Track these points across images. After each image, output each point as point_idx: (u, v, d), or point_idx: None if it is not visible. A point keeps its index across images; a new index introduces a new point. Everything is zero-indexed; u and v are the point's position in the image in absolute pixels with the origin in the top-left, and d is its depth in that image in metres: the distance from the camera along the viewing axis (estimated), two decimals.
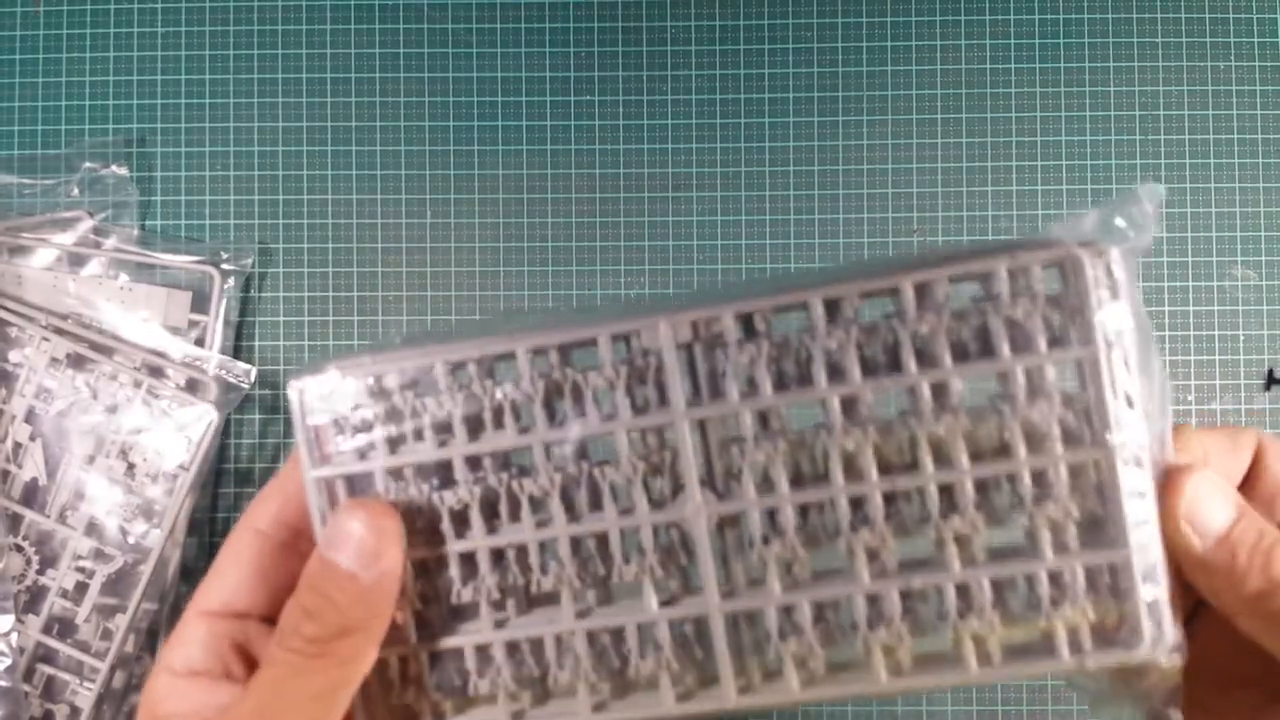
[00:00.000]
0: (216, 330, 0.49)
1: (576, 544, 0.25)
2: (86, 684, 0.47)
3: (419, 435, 0.26)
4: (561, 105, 0.50)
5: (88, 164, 0.49)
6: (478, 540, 0.25)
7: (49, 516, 0.48)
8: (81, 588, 0.47)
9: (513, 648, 0.26)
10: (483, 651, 0.26)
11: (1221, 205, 0.49)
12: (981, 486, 0.24)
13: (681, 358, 0.25)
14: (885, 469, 0.24)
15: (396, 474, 0.26)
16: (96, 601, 0.47)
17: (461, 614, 0.26)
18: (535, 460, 0.25)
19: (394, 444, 0.26)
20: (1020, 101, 0.50)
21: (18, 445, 0.48)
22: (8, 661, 0.46)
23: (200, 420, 0.47)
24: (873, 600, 0.25)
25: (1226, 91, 0.50)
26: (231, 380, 0.48)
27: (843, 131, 0.50)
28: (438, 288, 0.50)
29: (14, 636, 0.46)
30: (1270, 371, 0.49)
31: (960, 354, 0.24)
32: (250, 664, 0.26)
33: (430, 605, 0.26)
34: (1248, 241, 0.49)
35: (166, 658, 0.26)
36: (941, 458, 0.24)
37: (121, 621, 0.47)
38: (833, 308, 0.24)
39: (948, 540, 0.24)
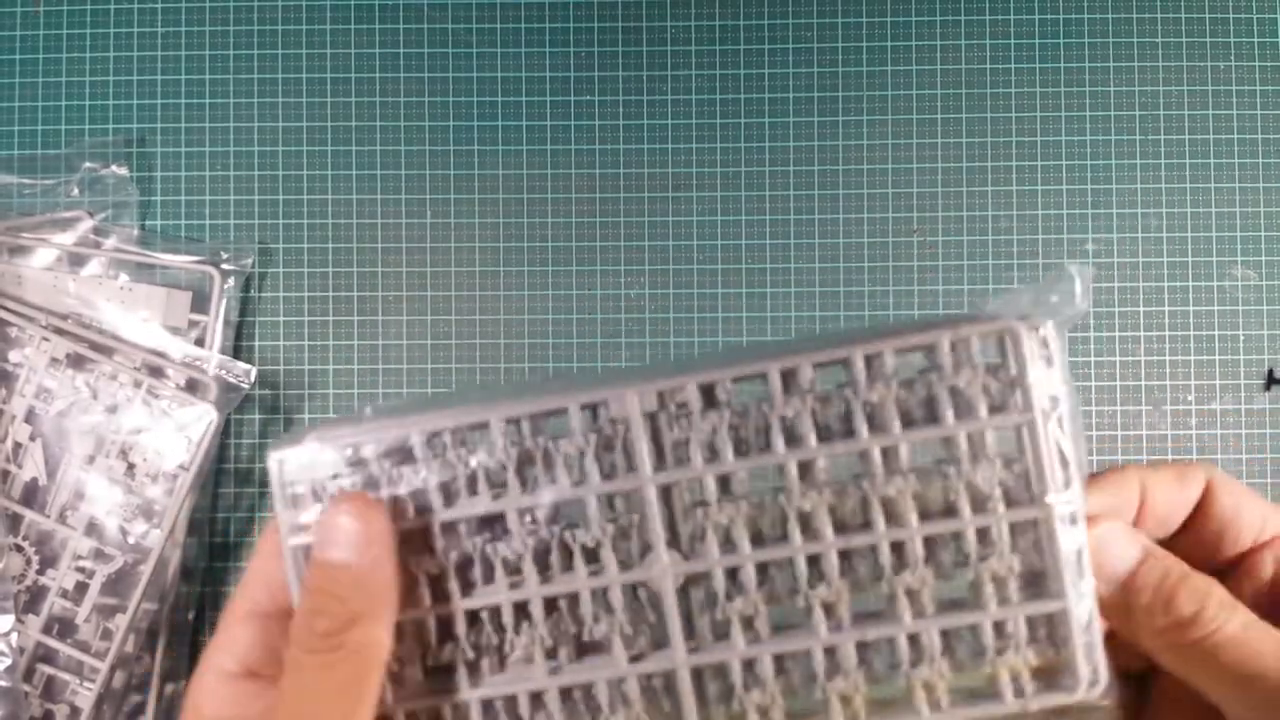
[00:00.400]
0: (216, 330, 0.49)
1: (550, 604, 0.27)
2: (86, 684, 0.47)
3: (395, 503, 0.27)
4: (561, 105, 0.50)
5: (88, 164, 0.49)
6: (455, 603, 0.27)
7: (49, 516, 0.48)
8: (81, 588, 0.47)
9: (487, 705, 0.27)
10: (459, 710, 0.27)
11: (1221, 205, 0.49)
12: (930, 543, 0.26)
13: (647, 426, 0.27)
14: (840, 528, 0.26)
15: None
16: (96, 601, 0.47)
17: (436, 675, 0.27)
18: (509, 525, 0.27)
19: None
20: (1020, 101, 0.50)
21: (18, 445, 0.48)
22: (8, 661, 0.46)
23: (200, 420, 0.47)
24: (830, 652, 0.26)
25: (1226, 91, 0.50)
26: (231, 380, 0.48)
27: (843, 131, 0.50)
28: (438, 288, 0.50)
29: (14, 636, 0.46)
30: (1270, 371, 0.49)
31: (908, 420, 0.26)
32: None
33: (405, 667, 0.27)
34: (1248, 241, 0.49)
35: (214, 659, 0.27)
36: (893, 517, 0.26)
37: (121, 621, 0.47)
38: (789, 378, 0.27)
39: (899, 594, 0.26)
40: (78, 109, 0.50)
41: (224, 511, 0.50)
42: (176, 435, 0.48)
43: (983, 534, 0.26)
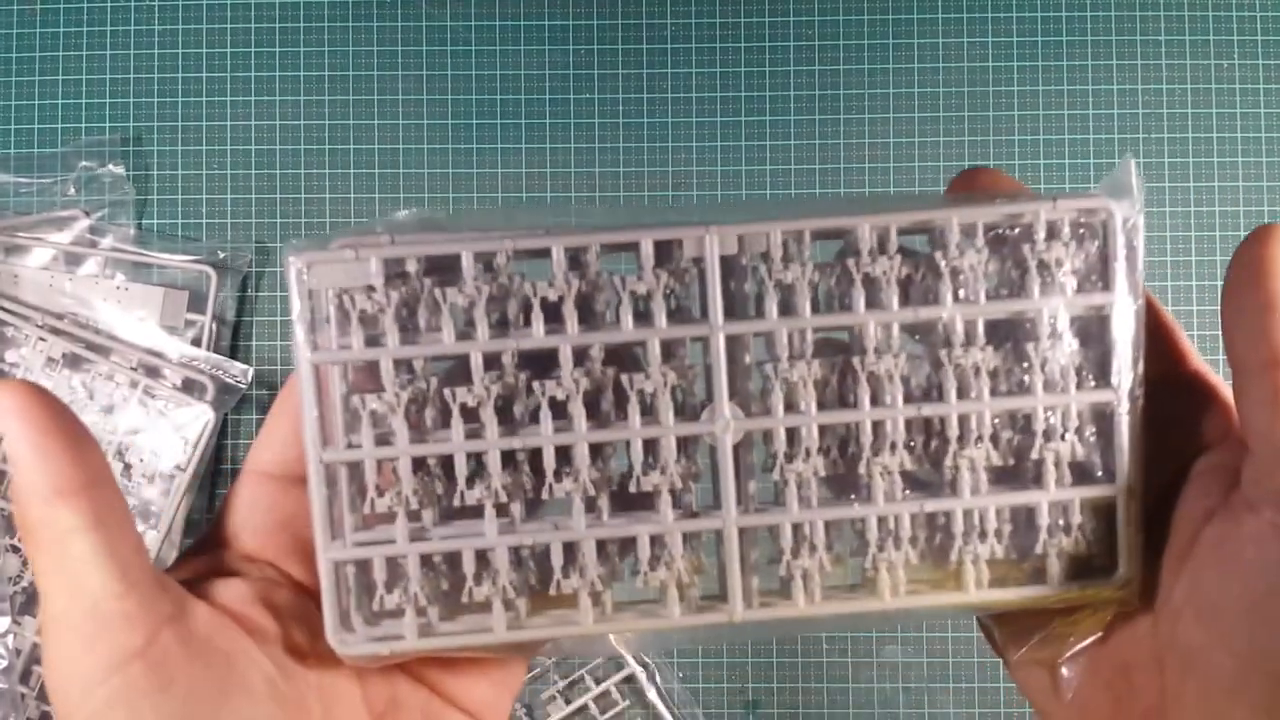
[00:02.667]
0: (213, 330, 0.49)
1: (595, 451, 0.25)
2: None
3: (435, 328, 0.24)
4: (561, 105, 0.50)
5: (84, 163, 0.49)
6: (490, 440, 0.25)
7: None
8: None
9: (515, 553, 0.25)
10: (482, 556, 0.25)
11: (1224, 205, 0.49)
12: (996, 421, 0.26)
13: (722, 270, 0.25)
14: (909, 398, 0.25)
15: (405, 366, 0.25)
16: None
17: (457, 517, 0.26)
18: (561, 362, 0.25)
19: (406, 335, 0.25)
20: (1022, 100, 0.50)
21: None
22: (4, 663, 0.46)
23: (197, 420, 0.47)
24: (883, 521, 0.26)
25: (1230, 90, 0.49)
26: (228, 380, 0.48)
27: (843, 130, 0.50)
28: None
29: (11, 638, 0.46)
30: None
31: (991, 294, 0.26)
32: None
33: (425, 505, 0.25)
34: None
35: (256, 459, 0.25)
36: (964, 389, 0.25)
37: None
38: (877, 236, 0.25)
39: (962, 468, 0.25)
40: (74, 107, 0.50)
41: None
42: (173, 435, 0.48)
43: (1050, 415, 0.25)
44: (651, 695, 0.47)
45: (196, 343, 0.48)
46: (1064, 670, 0.27)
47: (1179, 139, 0.49)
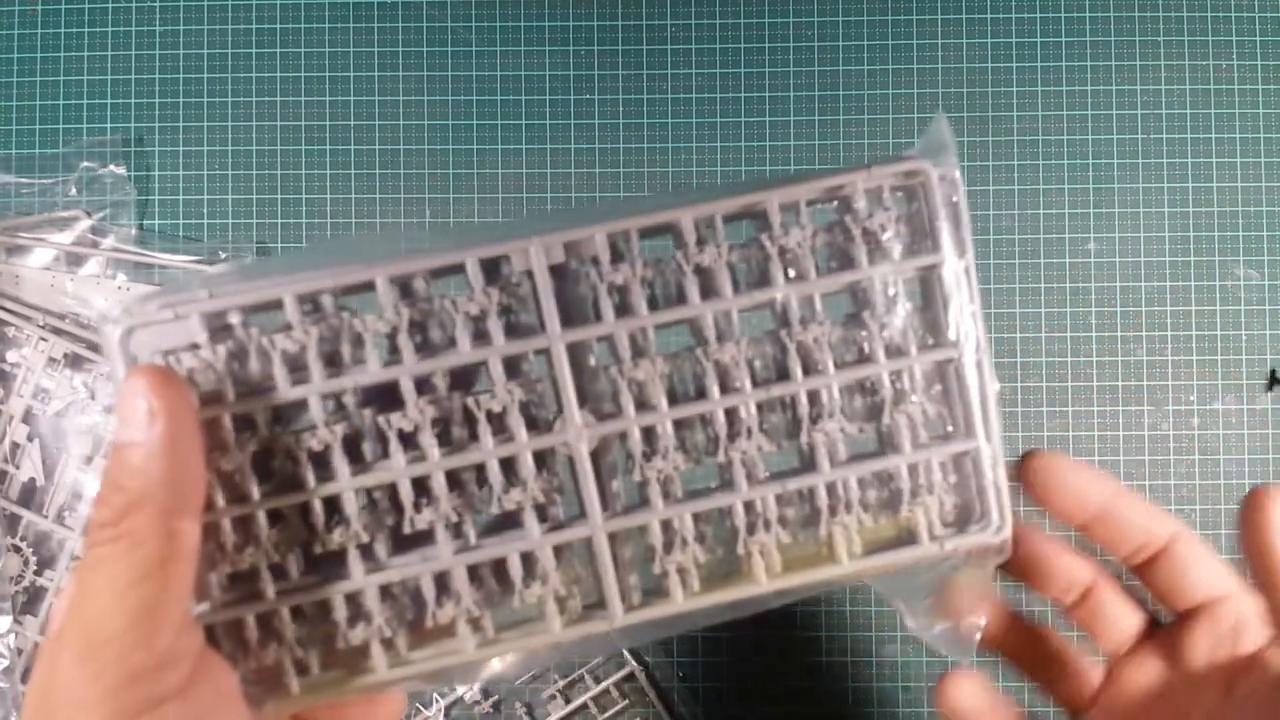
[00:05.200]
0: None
1: (453, 478, 0.25)
2: None
3: (268, 377, 0.24)
4: (561, 105, 0.50)
5: (85, 163, 0.49)
6: (343, 483, 0.24)
7: (47, 517, 0.48)
8: None
9: (385, 591, 0.25)
10: (352, 599, 0.25)
11: (1224, 205, 0.49)
12: (846, 392, 0.26)
13: (553, 280, 0.24)
14: (756, 382, 0.26)
15: (244, 420, 0.24)
16: None
17: (323, 563, 0.25)
18: (404, 394, 0.24)
19: (240, 386, 0.24)
20: (1021, 100, 0.50)
21: (15, 446, 0.48)
22: (5, 663, 0.46)
23: None
24: (749, 507, 0.26)
25: (1229, 90, 0.49)
26: None
27: (843, 131, 0.50)
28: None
29: (12, 638, 0.46)
30: (1273, 372, 0.49)
31: (822, 271, 0.26)
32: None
33: (287, 555, 0.24)
34: (1250, 241, 0.49)
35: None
36: (809, 367, 0.25)
37: None
38: (702, 227, 0.25)
39: (818, 444, 0.25)
40: (75, 108, 0.50)
41: None
42: None
43: (895, 378, 0.26)
44: (651, 694, 0.47)
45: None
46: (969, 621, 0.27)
47: (1179, 139, 0.49)
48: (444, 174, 0.50)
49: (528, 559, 0.25)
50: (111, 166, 0.49)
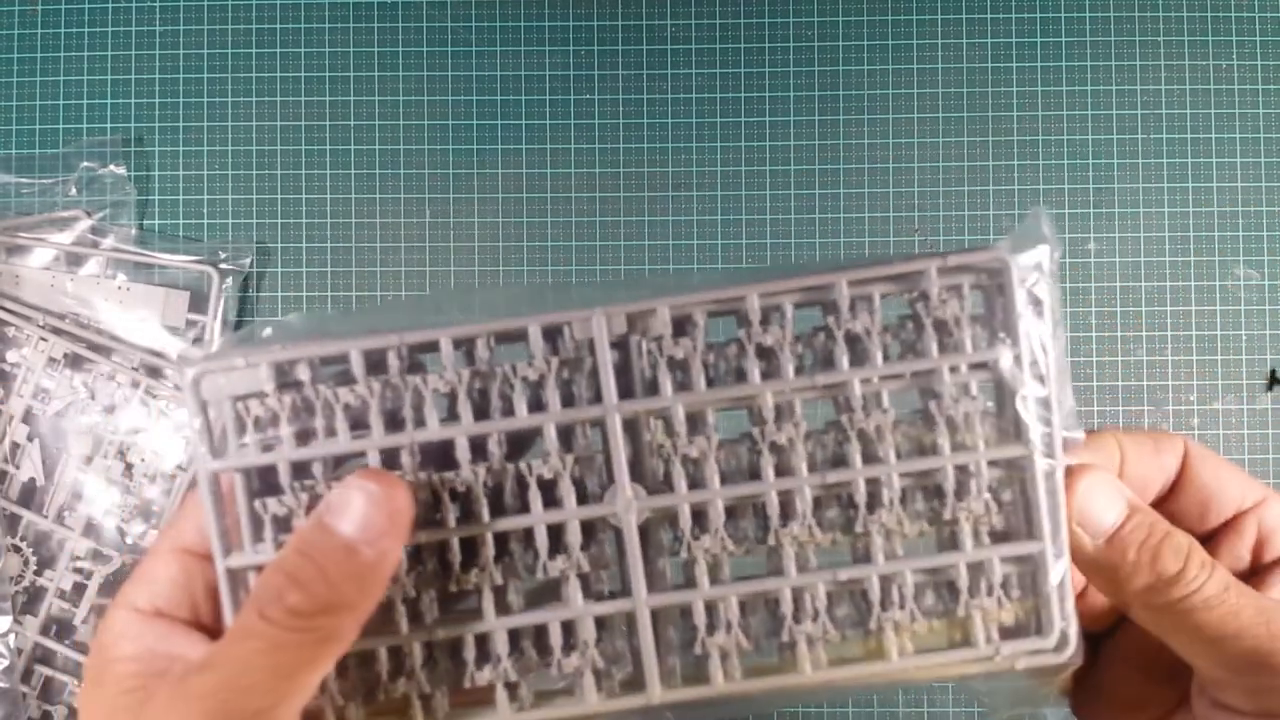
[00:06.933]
0: (214, 330, 0.49)
1: (501, 543, 0.25)
2: None
3: (330, 430, 0.24)
4: (561, 105, 0.50)
5: (85, 163, 0.49)
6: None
7: (47, 517, 0.48)
8: (79, 588, 0.47)
9: (428, 648, 0.25)
10: (396, 655, 0.25)
11: (1224, 205, 0.49)
12: (906, 486, 0.25)
13: (614, 351, 0.25)
14: (813, 468, 0.25)
15: (303, 469, 0.24)
16: (94, 602, 0.47)
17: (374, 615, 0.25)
18: (458, 455, 0.24)
19: (302, 437, 0.24)
20: (1021, 101, 0.50)
21: (15, 445, 0.48)
22: (5, 662, 0.46)
23: None
24: (798, 594, 0.25)
25: (1229, 90, 0.49)
26: None
27: (843, 131, 0.50)
28: (437, 288, 0.50)
29: (12, 638, 0.46)
30: (1273, 372, 0.49)
31: (890, 358, 0.25)
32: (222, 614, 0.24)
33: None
34: (1250, 241, 0.49)
35: (130, 594, 0.24)
36: (870, 456, 0.25)
37: None
38: (768, 307, 0.25)
39: (873, 534, 0.25)
40: (75, 108, 0.50)
41: None
42: (174, 435, 0.48)
43: (960, 475, 0.25)
44: None
45: (198, 343, 0.49)
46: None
47: (1179, 139, 0.49)
48: (444, 174, 0.50)
49: (568, 628, 0.25)
50: (111, 166, 0.49)
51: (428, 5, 0.50)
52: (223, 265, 0.49)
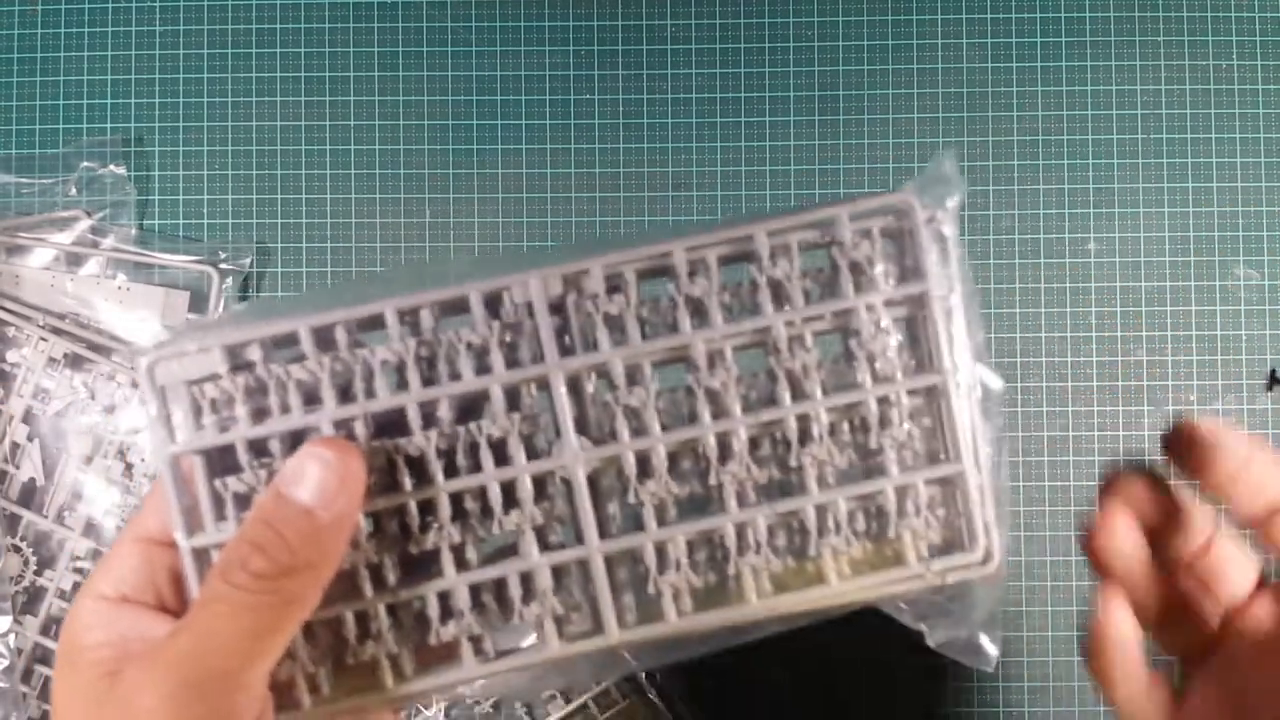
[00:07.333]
0: None
1: (457, 504, 0.26)
2: None
3: (285, 406, 0.25)
4: (561, 105, 0.50)
5: (85, 163, 0.49)
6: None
7: (47, 517, 0.48)
8: (79, 588, 0.47)
9: (391, 610, 0.26)
10: (361, 619, 0.26)
11: (1224, 204, 0.49)
12: (832, 418, 0.27)
13: (552, 312, 0.26)
14: (746, 408, 0.27)
15: (259, 447, 0.25)
16: None
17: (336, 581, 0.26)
18: (410, 422, 0.25)
19: (257, 416, 0.25)
20: (1021, 101, 0.50)
21: (15, 446, 0.48)
22: (5, 662, 0.46)
23: None
24: (741, 529, 0.26)
25: (1229, 90, 0.49)
26: None
27: (843, 131, 0.50)
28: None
29: (12, 637, 0.46)
30: (1273, 372, 0.49)
31: (811, 300, 0.27)
32: (186, 595, 0.25)
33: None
34: (1250, 241, 0.49)
35: (95, 583, 0.25)
36: (798, 393, 0.26)
37: None
38: (694, 260, 0.26)
39: (806, 467, 0.26)
40: (75, 108, 0.50)
41: None
42: None
43: (883, 405, 0.26)
44: (651, 693, 0.47)
45: None
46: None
47: (1179, 139, 0.49)
48: (444, 174, 0.50)
49: (526, 580, 0.26)
50: (111, 166, 0.49)
51: (428, 5, 0.50)
52: (223, 265, 0.49)
